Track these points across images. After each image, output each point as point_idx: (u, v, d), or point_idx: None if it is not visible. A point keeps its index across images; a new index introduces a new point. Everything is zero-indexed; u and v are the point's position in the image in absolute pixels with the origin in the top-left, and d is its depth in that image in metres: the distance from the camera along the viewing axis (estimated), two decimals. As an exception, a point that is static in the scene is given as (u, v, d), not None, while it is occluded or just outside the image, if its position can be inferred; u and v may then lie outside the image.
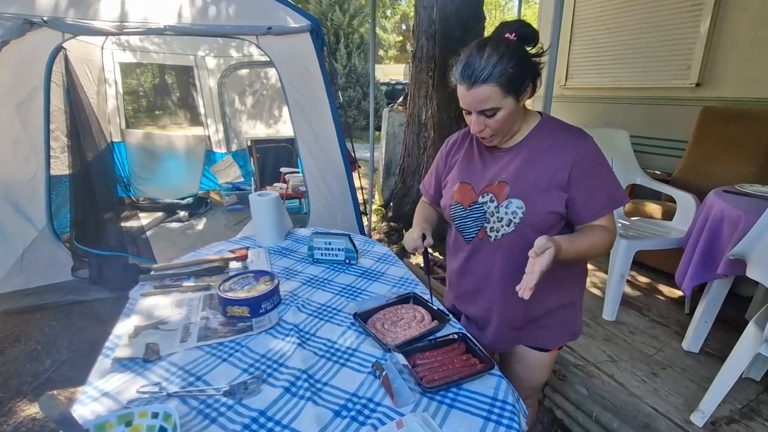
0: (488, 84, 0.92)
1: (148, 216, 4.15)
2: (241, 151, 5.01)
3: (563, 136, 1.03)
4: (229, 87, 4.84)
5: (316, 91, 2.87)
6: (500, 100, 0.95)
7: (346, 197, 3.06)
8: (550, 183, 1.00)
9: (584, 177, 0.99)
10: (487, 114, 0.97)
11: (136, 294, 1.36)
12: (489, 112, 0.97)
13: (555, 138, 1.03)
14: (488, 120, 0.99)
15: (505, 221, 1.04)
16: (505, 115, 0.97)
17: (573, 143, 1.00)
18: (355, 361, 1.01)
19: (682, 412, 1.53)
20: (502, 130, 1.01)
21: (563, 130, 1.04)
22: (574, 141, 1.01)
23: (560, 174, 0.99)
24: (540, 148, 1.03)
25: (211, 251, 1.68)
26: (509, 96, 0.95)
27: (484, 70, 0.91)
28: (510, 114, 0.98)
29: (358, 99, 12.30)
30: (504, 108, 0.96)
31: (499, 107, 0.96)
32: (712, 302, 1.78)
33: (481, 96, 0.94)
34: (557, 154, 1.00)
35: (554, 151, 1.01)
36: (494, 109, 0.96)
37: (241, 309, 1.19)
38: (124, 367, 0.99)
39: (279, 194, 1.79)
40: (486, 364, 0.96)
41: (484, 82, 0.92)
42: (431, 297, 1.18)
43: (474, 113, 0.99)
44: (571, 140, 1.01)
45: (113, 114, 4.38)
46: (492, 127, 1.00)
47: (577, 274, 1.15)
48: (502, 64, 0.91)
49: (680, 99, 3.22)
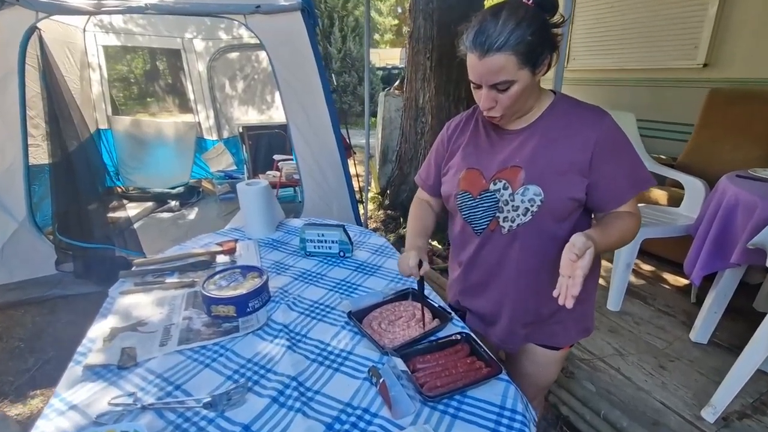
0: (503, 52, 0.81)
1: (137, 206, 4.03)
2: (233, 138, 4.87)
3: (580, 115, 0.93)
4: (219, 71, 4.67)
5: (309, 74, 2.73)
6: (515, 72, 0.84)
7: (342, 185, 2.95)
8: (569, 166, 0.91)
9: (607, 159, 0.90)
10: (500, 88, 0.87)
11: (115, 292, 1.27)
12: (502, 85, 0.86)
13: (571, 117, 0.93)
14: (500, 95, 0.88)
15: (521, 210, 0.94)
16: (519, 90, 0.87)
17: (592, 122, 0.91)
18: (349, 365, 0.93)
19: (691, 407, 1.47)
20: (514, 107, 0.91)
21: (580, 108, 0.95)
22: (593, 119, 0.91)
23: (580, 156, 0.90)
24: (556, 128, 0.94)
25: (198, 244, 1.59)
26: (526, 68, 0.84)
27: (500, 36, 0.80)
28: (524, 89, 0.87)
29: (353, 84, 12.05)
30: (519, 81, 0.86)
31: (514, 80, 0.85)
32: (722, 292, 1.71)
33: (495, 66, 0.83)
34: (575, 135, 0.91)
35: (572, 131, 0.92)
36: (508, 82, 0.85)
37: (226, 308, 1.11)
38: (96, 375, 0.90)
39: (270, 183, 1.69)
40: (492, 368, 0.88)
41: (499, 50, 0.81)
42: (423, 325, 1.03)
43: (485, 87, 0.89)
44: (589, 119, 0.92)
45: (99, 100, 4.21)
46: (503, 103, 0.90)
47: (594, 267, 1.06)
48: (521, 30, 0.80)
49: (686, 80, 3.11)
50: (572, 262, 0.77)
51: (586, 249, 0.76)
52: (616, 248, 0.97)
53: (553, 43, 0.87)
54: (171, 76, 4.84)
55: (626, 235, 0.91)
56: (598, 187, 0.91)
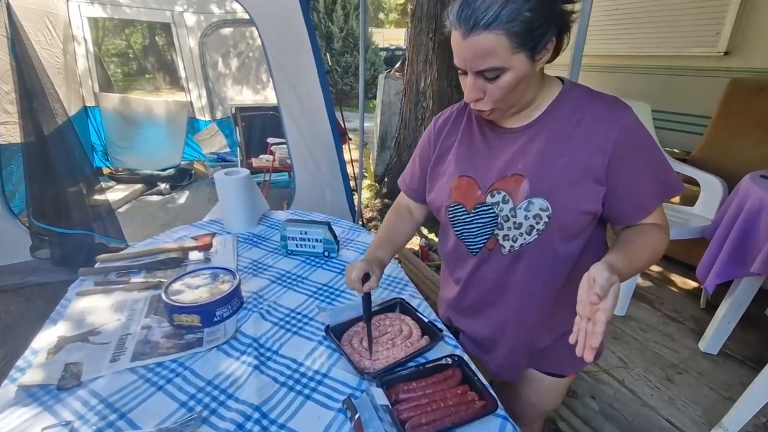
0: (492, 31, 0.65)
1: (126, 188, 3.90)
2: (227, 119, 4.68)
3: (595, 109, 0.76)
4: (211, 47, 4.45)
5: (302, 53, 2.55)
6: (507, 57, 0.67)
7: (336, 174, 2.81)
8: (583, 173, 0.75)
9: (628, 162, 0.74)
10: (488, 76, 0.71)
11: (72, 292, 1.14)
12: (490, 73, 0.70)
13: (584, 111, 0.76)
14: (488, 84, 0.72)
15: (525, 228, 0.79)
16: (513, 80, 0.70)
17: (610, 117, 0.74)
18: (323, 392, 0.81)
19: (700, 426, 1.37)
20: (507, 101, 0.74)
21: (595, 99, 0.78)
22: (612, 114, 0.75)
23: (596, 161, 0.74)
24: (566, 126, 0.77)
25: (171, 238, 1.46)
26: (521, 51, 0.67)
27: (488, 9, 0.64)
28: (520, 79, 0.70)
29: (355, 65, 11.71)
30: (512, 69, 0.69)
31: (505, 67, 0.69)
32: (737, 302, 1.59)
33: (481, 48, 0.67)
34: (590, 134, 0.75)
35: (585, 130, 0.75)
36: (497, 69, 0.69)
37: (190, 318, 0.98)
38: (31, 397, 0.79)
39: (263, 167, 1.54)
40: (487, 402, 0.76)
41: (486, 27, 0.65)
42: (371, 352, 0.88)
43: (470, 73, 0.72)
44: (606, 113, 0.75)
45: (85, 75, 4.02)
46: (493, 95, 0.73)
47: None
48: (516, 3, 0.64)
49: (705, 69, 2.92)
50: (592, 305, 0.61)
51: (610, 286, 0.60)
52: (641, 271, 0.81)
53: (563, 21, 0.70)
54: (161, 51, 4.63)
55: (655, 256, 0.76)
56: (617, 197, 0.76)
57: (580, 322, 0.64)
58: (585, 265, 0.83)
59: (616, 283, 0.61)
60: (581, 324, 0.64)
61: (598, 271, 0.62)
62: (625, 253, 0.72)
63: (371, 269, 0.91)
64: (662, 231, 0.78)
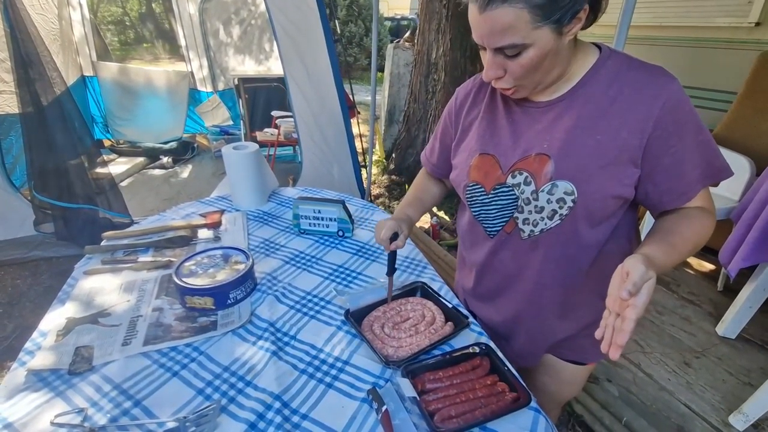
0: (510, 4, 0.58)
1: (127, 161, 3.83)
2: (229, 91, 4.54)
3: (636, 80, 0.67)
4: (212, 15, 4.26)
5: (310, 20, 2.42)
6: (528, 33, 0.60)
7: (344, 148, 2.72)
8: (617, 155, 0.67)
9: (671, 143, 0.66)
10: (508, 53, 0.63)
11: (78, 271, 1.10)
12: (510, 50, 0.63)
13: (623, 83, 0.68)
14: (509, 62, 0.65)
15: (546, 212, 0.73)
16: (536, 57, 0.63)
17: (652, 89, 0.65)
18: (345, 380, 0.77)
19: (719, 412, 1.35)
20: (532, 78, 0.67)
21: (635, 70, 0.69)
22: (655, 86, 0.66)
23: (633, 140, 0.66)
24: (601, 101, 0.69)
25: (178, 215, 1.41)
26: (545, 25, 0.60)
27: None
28: (544, 54, 0.63)
29: (359, 35, 11.32)
30: (534, 45, 0.61)
31: (527, 44, 0.61)
32: (762, 286, 1.54)
33: (499, 23, 0.60)
34: (628, 109, 0.66)
35: (624, 104, 0.67)
36: (518, 46, 0.61)
37: (203, 300, 0.94)
38: (41, 382, 0.76)
39: (268, 141, 1.46)
40: (520, 395, 0.72)
41: (504, 0, 0.58)
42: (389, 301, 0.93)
43: (489, 50, 0.65)
44: (648, 84, 0.66)
45: (81, 43, 3.86)
46: (514, 73, 0.66)
47: None
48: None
49: (733, 41, 2.76)
50: (623, 300, 0.55)
51: (644, 282, 0.54)
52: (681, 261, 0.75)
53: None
54: (159, 19, 4.44)
55: (698, 245, 0.69)
56: (654, 180, 0.69)
57: (609, 317, 0.59)
58: (613, 250, 0.78)
59: (651, 279, 0.55)
60: (609, 320, 0.58)
61: (632, 266, 0.56)
62: (664, 243, 0.65)
63: (400, 228, 0.89)
64: (708, 216, 0.71)
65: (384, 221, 0.90)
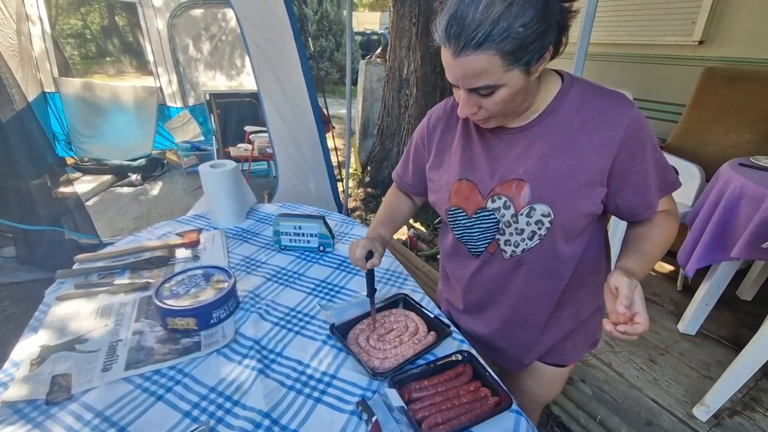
0: (484, 51, 0.61)
1: (93, 180, 3.69)
2: (200, 106, 4.48)
3: (599, 105, 0.73)
4: (181, 30, 4.22)
5: (282, 36, 2.44)
6: (501, 75, 0.64)
7: (320, 162, 2.73)
8: (588, 177, 0.73)
9: (634, 163, 0.72)
10: (482, 93, 0.68)
11: (50, 297, 1.06)
12: (484, 90, 0.67)
13: (589, 110, 0.73)
14: (483, 100, 0.69)
15: (526, 233, 0.78)
16: (508, 95, 0.67)
17: (615, 115, 0.71)
18: (333, 394, 0.79)
19: (684, 405, 1.44)
20: (504, 112, 0.72)
21: (597, 95, 0.74)
22: (617, 112, 0.71)
23: (599, 161, 0.72)
24: (570, 127, 0.74)
25: (154, 235, 1.38)
26: (515, 68, 0.64)
27: (479, 28, 0.60)
28: (515, 93, 0.68)
29: (330, 49, 11.45)
30: (507, 85, 0.66)
31: (500, 84, 0.66)
32: (716, 284, 1.66)
33: (473, 68, 0.64)
34: (594, 134, 0.72)
35: (591, 129, 0.72)
36: (491, 87, 0.66)
37: (185, 320, 0.93)
38: (17, 414, 0.73)
39: (242, 157, 1.47)
40: (502, 399, 0.76)
41: (478, 47, 0.61)
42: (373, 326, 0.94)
43: (463, 90, 0.69)
44: (612, 111, 0.72)
45: (42, 58, 3.73)
46: (489, 110, 0.71)
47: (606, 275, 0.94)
48: (508, 19, 0.59)
49: (680, 58, 2.99)
50: (625, 315, 0.61)
51: (633, 291, 0.62)
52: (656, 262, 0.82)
53: (562, 23, 0.66)
54: (123, 33, 4.34)
55: (668, 244, 0.77)
56: (623, 196, 0.75)
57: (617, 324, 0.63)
58: (589, 259, 0.84)
59: (638, 286, 0.62)
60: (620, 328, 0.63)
61: (616, 280, 0.63)
62: (636, 253, 0.73)
63: (374, 246, 0.92)
64: (671, 217, 0.79)
65: (357, 241, 0.92)
